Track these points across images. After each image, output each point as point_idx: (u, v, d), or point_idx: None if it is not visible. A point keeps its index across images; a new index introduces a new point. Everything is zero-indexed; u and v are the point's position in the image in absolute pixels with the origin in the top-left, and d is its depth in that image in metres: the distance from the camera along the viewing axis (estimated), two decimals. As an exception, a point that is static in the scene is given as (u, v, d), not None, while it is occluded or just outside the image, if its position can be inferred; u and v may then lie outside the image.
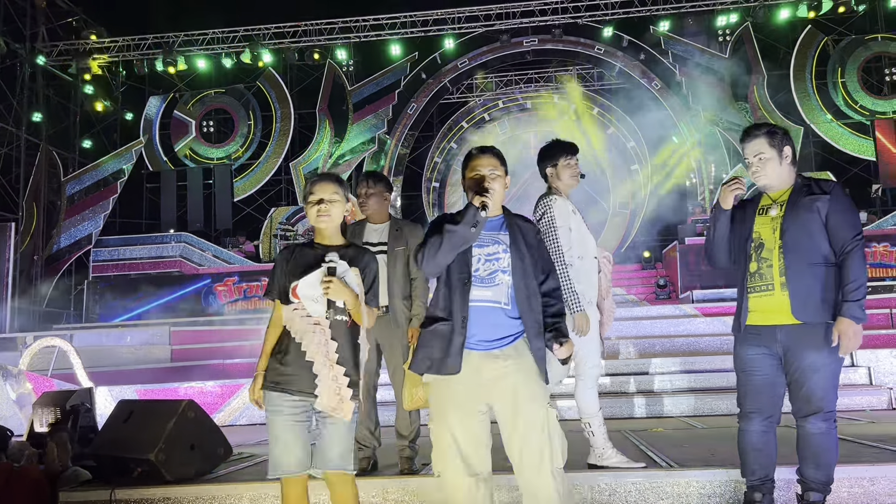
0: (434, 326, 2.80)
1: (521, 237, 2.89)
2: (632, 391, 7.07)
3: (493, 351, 2.77)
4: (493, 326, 2.78)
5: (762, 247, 3.17)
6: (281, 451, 2.85)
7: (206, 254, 15.23)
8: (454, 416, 2.73)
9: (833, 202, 3.08)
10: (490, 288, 2.80)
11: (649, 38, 16.89)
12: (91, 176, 16.92)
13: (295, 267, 2.95)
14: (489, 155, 2.90)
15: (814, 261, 3.05)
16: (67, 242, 16.19)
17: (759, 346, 3.16)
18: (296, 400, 2.87)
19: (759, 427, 3.18)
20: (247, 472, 4.58)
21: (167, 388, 8.46)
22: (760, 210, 3.25)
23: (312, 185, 3.03)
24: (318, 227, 3.02)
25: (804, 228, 3.07)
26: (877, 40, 16.04)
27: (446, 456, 2.72)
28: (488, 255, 2.83)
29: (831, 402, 3.06)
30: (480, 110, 20.12)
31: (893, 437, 4.65)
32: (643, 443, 4.87)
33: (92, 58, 17.03)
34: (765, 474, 3.20)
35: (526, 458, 2.69)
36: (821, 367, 3.02)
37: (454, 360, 2.73)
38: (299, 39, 17.09)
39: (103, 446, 4.51)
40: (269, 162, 17.72)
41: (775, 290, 3.09)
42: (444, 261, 2.78)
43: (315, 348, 2.83)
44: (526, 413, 2.71)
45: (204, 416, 4.50)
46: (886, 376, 7.48)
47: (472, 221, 2.72)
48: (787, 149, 3.20)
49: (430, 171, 19.93)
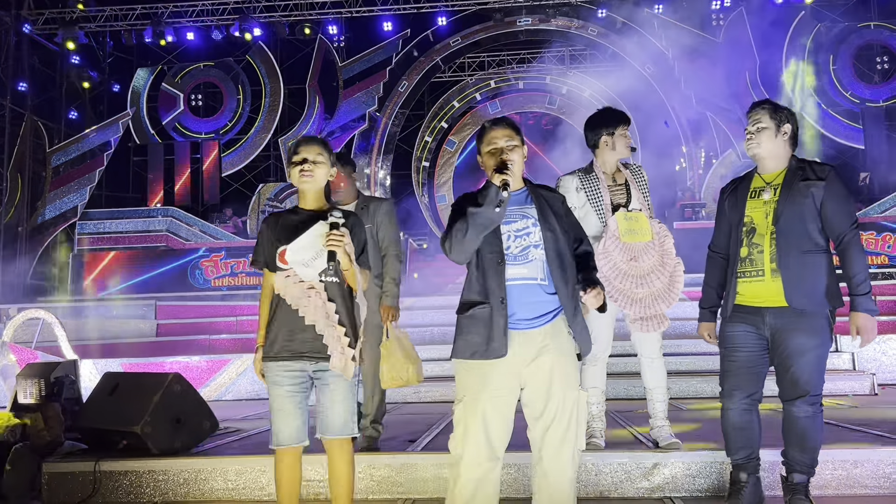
0: (472, 311, 2.68)
1: (549, 208, 2.78)
2: (619, 372, 7.09)
3: (532, 330, 2.67)
4: (532, 304, 2.68)
5: (754, 232, 3.13)
6: (280, 422, 2.87)
7: (194, 229, 15.11)
8: (488, 399, 2.64)
9: (829, 188, 3.04)
10: (525, 265, 2.69)
11: (643, 21, 16.79)
12: (77, 147, 16.68)
13: (280, 232, 2.93)
14: (503, 126, 2.77)
15: (806, 248, 3.03)
16: (52, 214, 15.99)
17: (746, 325, 3.14)
18: (292, 369, 2.86)
19: (742, 405, 3.17)
20: (232, 446, 4.58)
21: (153, 362, 8.45)
22: (752, 193, 3.19)
23: (297, 146, 2.98)
24: (302, 189, 2.97)
25: (798, 215, 3.04)
26: (869, 28, 16.04)
27: (472, 439, 2.63)
28: (518, 231, 2.72)
29: (818, 386, 3.05)
30: (472, 89, 19.99)
31: (876, 422, 4.72)
32: (630, 423, 4.90)
33: (78, 27, 16.73)
34: (749, 452, 3.21)
35: (549, 439, 2.65)
36: (808, 351, 3.01)
37: (499, 342, 2.61)
38: (290, 13, 16.87)
39: (88, 418, 4.49)
40: (257, 137, 17.56)
41: (766, 276, 3.07)
42: (471, 247, 2.66)
43: (314, 311, 2.82)
44: (558, 395, 2.65)
45: (190, 390, 4.48)
46: (869, 362, 7.58)
47: (496, 201, 2.58)
48: (788, 126, 3.16)
49: (420, 150, 19.82)
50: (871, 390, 6.76)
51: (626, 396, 6.83)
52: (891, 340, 7.72)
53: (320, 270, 2.82)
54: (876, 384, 6.81)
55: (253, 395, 8.11)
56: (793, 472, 3.12)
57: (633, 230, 3.78)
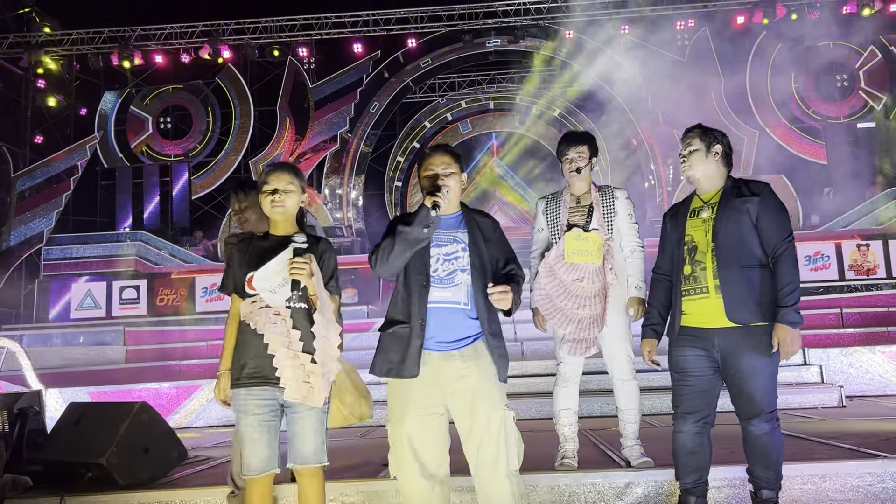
0: (393, 329, 2.78)
1: (480, 233, 2.86)
2: (591, 390, 7.11)
3: (452, 352, 2.75)
4: (453, 327, 2.76)
5: (695, 250, 3.17)
6: (250, 451, 2.82)
7: (163, 252, 14.93)
8: (411, 418, 2.71)
9: (763, 204, 3.10)
10: (449, 288, 2.77)
11: (610, 42, 17.06)
12: (43, 172, 16.45)
13: (250, 258, 2.90)
14: (442, 153, 2.88)
15: (746, 263, 3.06)
16: (18, 240, 15.72)
17: (696, 348, 3.15)
18: (262, 398, 2.82)
19: (694, 428, 3.18)
20: (201, 476, 4.49)
21: (121, 389, 8.29)
22: (692, 213, 3.26)
23: (267, 175, 2.97)
24: (273, 218, 2.97)
25: (736, 230, 3.08)
26: (829, 47, 16.46)
27: (402, 458, 2.71)
28: (447, 255, 2.80)
29: (772, 403, 3.07)
30: (443, 110, 20.11)
31: (844, 435, 4.76)
32: (602, 442, 4.91)
33: (44, 51, 16.55)
34: (698, 477, 3.21)
35: (482, 459, 2.69)
36: (760, 371, 3.03)
37: (412, 363, 2.71)
38: (259, 36, 16.87)
39: (52, 451, 4.39)
40: (228, 159, 17.46)
41: (710, 293, 3.10)
42: (397, 264, 2.75)
43: (277, 339, 2.79)
44: (483, 415, 2.70)
45: (158, 419, 4.41)
46: (837, 374, 7.68)
47: (425, 222, 2.69)
48: (718, 146, 3.23)
49: (392, 170, 19.85)
50: (840, 403, 6.85)
51: (600, 414, 6.84)
52: (858, 353, 7.84)
53: (286, 297, 2.81)
54: (844, 396, 6.90)
55: (224, 420, 7.98)
56: (760, 488, 3.14)
57: (580, 251, 3.77)
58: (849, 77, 16.64)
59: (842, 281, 11.93)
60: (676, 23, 16.49)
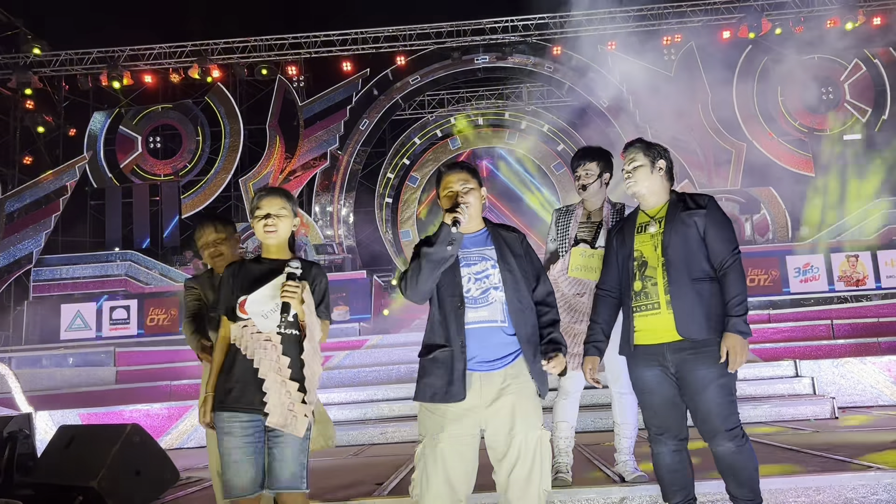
0: (434, 354, 2.72)
1: (508, 248, 2.82)
2: (585, 405, 7.10)
3: (493, 372, 2.70)
4: (493, 346, 2.71)
5: (645, 265, 3.13)
6: (233, 473, 2.78)
7: (153, 272, 14.87)
8: (448, 441, 2.66)
9: (710, 216, 3.09)
10: (485, 307, 2.73)
11: (597, 57, 17.21)
12: (31, 193, 16.41)
13: (242, 282, 2.89)
14: (458, 170, 2.85)
15: (696, 276, 3.02)
16: (6, 262, 15.63)
17: (653, 366, 3.09)
18: (246, 420, 2.80)
19: (671, 447, 3.11)
20: (194, 498, 4.46)
21: (112, 411, 8.21)
22: (639, 228, 3.22)
23: (259, 200, 2.95)
24: (266, 243, 2.96)
25: (685, 244, 3.06)
26: (814, 60, 16.65)
27: (432, 481, 2.64)
28: (477, 274, 2.77)
29: (731, 419, 2.96)
30: (433, 126, 20.19)
31: (837, 446, 4.76)
32: (596, 457, 4.90)
33: (33, 71, 16.55)
34: (686, 494, 3.15)
35: (514, 480, 2.65)
36: (709, 384, 2.95)
37: (458, 386, 2.65)
38: (249, 55, 16.93)
39: (43, 474, 4.35)
40: (217, 178, 17.46)
41: (661, 309, 3.05)
42: (426, 287, 2.72)
43: (267, 365, 2.77)
44: (521, 434, 2.66)
45: (149, 441, 4.38)
46: (829, 385, 7.68)
47: (448, 240, 2.66)
48: (662, 161, 3.23)
49: (382, 186, 19.88)
50: (832, 414, 6.85)
51: (594, 429, 6.81)
52: (849, 364, 7.86)
53: (278, 322, 2.80)
54: (836, 407, 6.90)
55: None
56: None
57: (585, 266, 3.81)
58: (834, 89, 16.83)
59: (831, 292, 12.00)
60: (663, 38, 16.65)
